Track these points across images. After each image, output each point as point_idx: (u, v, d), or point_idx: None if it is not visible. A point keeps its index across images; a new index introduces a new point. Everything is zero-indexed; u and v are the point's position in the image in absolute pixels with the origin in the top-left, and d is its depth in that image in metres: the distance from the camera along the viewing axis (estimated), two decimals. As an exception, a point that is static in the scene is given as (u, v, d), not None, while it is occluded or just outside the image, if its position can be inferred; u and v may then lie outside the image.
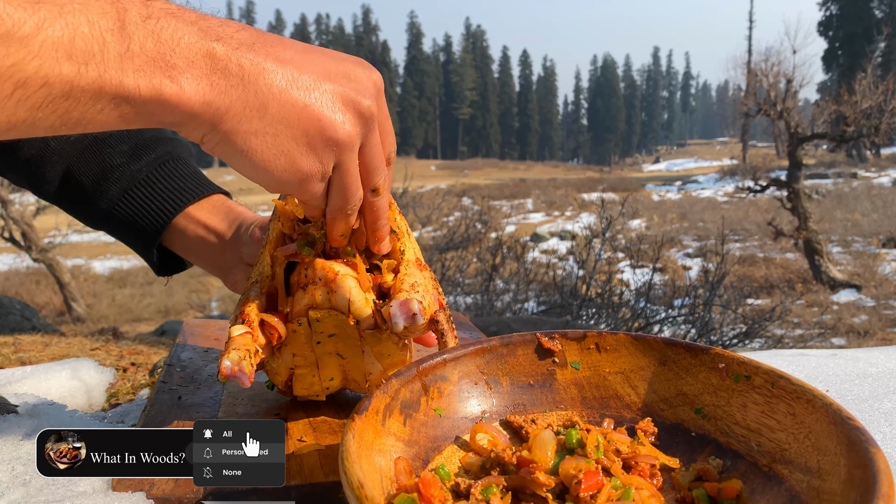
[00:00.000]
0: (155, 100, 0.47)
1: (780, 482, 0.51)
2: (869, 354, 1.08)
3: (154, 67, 0.47)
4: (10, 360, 1.48)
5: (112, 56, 0.45)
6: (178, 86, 0.48)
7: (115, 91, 0.46)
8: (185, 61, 0.48)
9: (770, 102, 11.76)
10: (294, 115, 0.53)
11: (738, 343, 5.54)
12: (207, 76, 0.49)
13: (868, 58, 15.08)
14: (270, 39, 0.54)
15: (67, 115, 0.45)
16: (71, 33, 0.43)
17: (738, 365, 0.59)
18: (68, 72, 0.43)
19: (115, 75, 0.45)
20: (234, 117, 0.51)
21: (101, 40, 0.44)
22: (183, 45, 0.49)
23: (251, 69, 0.51)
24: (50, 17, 0.42)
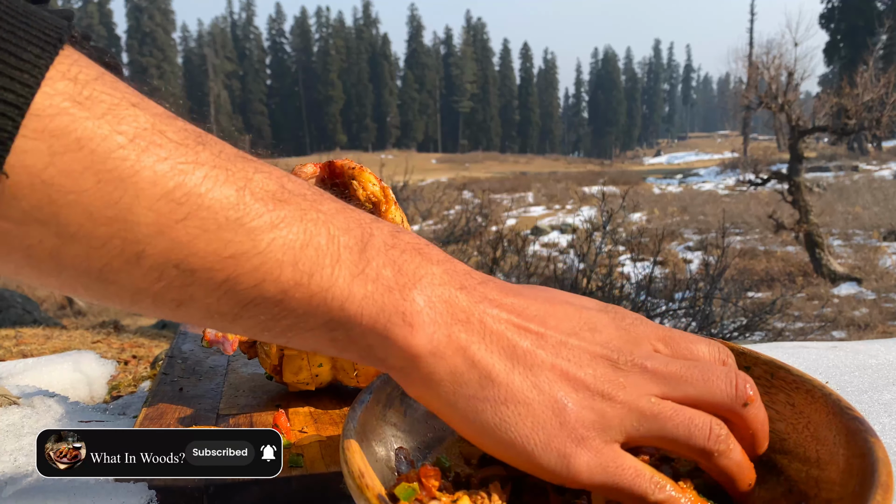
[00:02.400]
0: (377, 334, 0.40)
1: (778, 472, 0.51)
2: (869, 346, 1.08)
3: (387, 298, 0.40)
4: (11, 352, 1.49)
5: (342, 275, 0.39)
6: (410, 327, 0.40)
7: (333, 313, 0.39)
8: (426, 301, 0.41)
9: (771, 95, 11.74)
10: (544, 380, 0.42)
11: (739, 336, 5.55)
12: (447, 325, 0.41)
13: (870, 50, 15.05)
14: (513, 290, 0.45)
15: (273, 322, 0.39)
16: (305, 240, 0.38)
17: (737, 356, 0.59)
18: (287, 279, 0.37)
19: (339, 295, 0.39)
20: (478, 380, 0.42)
21: (335, 255, 0.39)
22: (425, 283, 0.42)
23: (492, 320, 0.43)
24: (289, 218, 0.38)
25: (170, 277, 0.35)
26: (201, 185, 0.34)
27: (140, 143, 0.33)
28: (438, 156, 60.39)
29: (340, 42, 74.88)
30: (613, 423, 0.42)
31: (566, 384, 0.42)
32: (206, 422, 0.71)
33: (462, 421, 0.42)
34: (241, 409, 0.74)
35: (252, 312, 0.38)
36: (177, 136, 0.35)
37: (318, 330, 0.40)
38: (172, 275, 0.35)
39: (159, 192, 0.33)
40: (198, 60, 71.76)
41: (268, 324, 0.39)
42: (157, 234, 0.33)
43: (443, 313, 0.42)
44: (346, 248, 0.40)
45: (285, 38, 77.32)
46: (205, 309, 0.37)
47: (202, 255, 0.35)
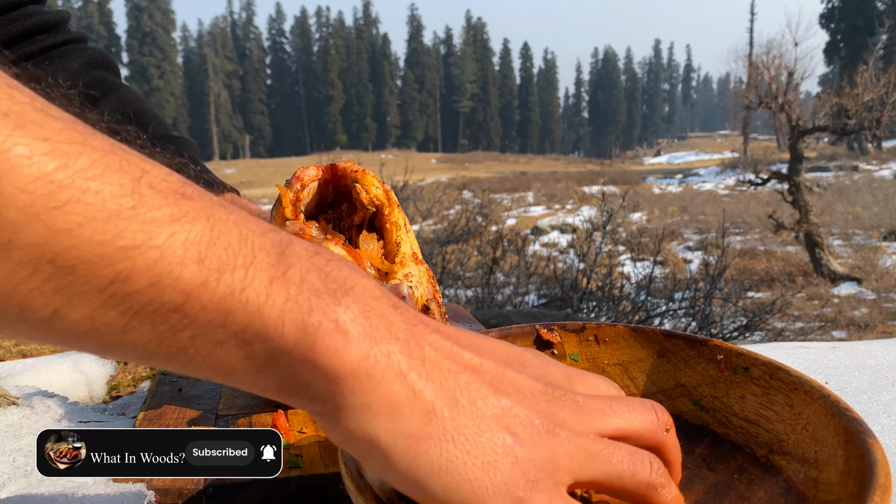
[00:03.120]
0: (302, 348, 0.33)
1: (777, 473, 0.51)
2: (869, 347, 1.08)
3: (315, 303, 0.33)
4: (11, 352, 1.48)
5: (259, 276, 0.32)
6: (344, 337, 0.33)
7: (248, 321, 0.32)
8: (360, 308, 0.35)
9: (771, 95, 11.74)
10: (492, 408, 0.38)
11: (739, 336, 5.55)
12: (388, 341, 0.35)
13: (870, 50, 15.05)
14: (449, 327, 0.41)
15: (171, 335, 0.31)
16: (213, 238, 0.31)
17: (736, 356, 0.59)
18: (191, 277, 0.30)
19: (254, 299, 0.32)
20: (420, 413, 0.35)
21: (249, 256, 0.32)
22: (357, 291, 0.35)
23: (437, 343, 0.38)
24: (193, 213, 0.31)
25: (44, 275, 0.28)
26: (89, 169, 0.29)
27: (16, 118, 0.28)
28: (438, 155, 60.39)
29: (340, 42, 74.90)
30: (562, 462, 0.37)
31: (513, 419, 0.37)
32: (205, 422, 0.71)
33: (399, 467, 0.35)
34: (240, 410, 0.74)
35: (144, 323, 0.31)
36: (61, 116, 0.30)
37: (227, 343, 0.32)
38: (47, 272, 0.28)
39: (36, 171, 0.27)
40: (198, 60, 71.77)
41: (164, 337, 0.31)
42: (31, 219, 0.27)
43: (380, 329, 0.35)
44: (261, 250, 0.33)
45: (285, 37, 77.34)
46: (85, 318, 0.30)
47: (85, 248, 0.28)
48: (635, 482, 0.39)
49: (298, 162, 46.25)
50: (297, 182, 0.72)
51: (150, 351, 0.32)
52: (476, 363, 0.39)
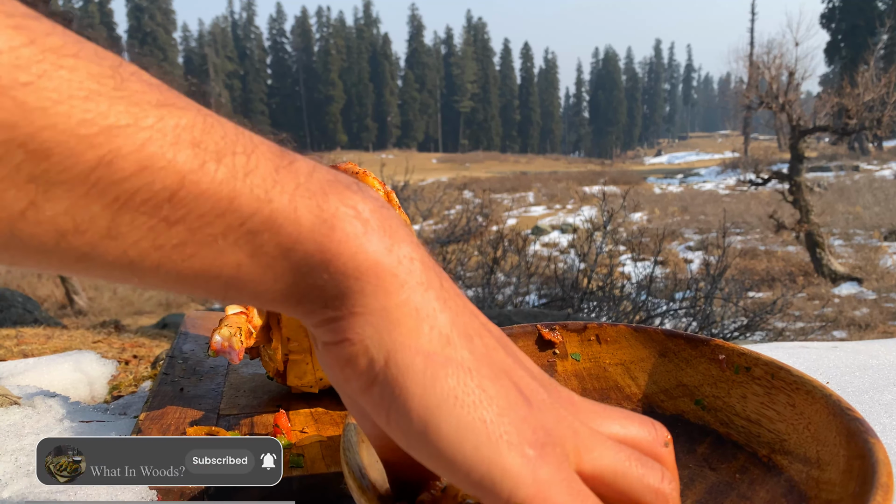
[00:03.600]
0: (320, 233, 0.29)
1: (779, 472, 0.51)
2: (870, 346, 1.08)
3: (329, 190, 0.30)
4: (12, 352, 1.49)
5: (263, 163, 0.29)
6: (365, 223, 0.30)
7: (255, 207, 0.28)
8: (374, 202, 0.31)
9: (772, 95, 11.73)
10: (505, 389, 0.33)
11: (740, 336, 5.55)
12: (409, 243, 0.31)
13: (870, 50, 15.04)
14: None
15: (165, 232, 0.27)
16: (207, 124, 0.28)
17: (738, 356, 0.60)
18: (185, 162, 0.26)
19: (261, 183, 0.28)
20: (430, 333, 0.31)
21: (248, 145, 0.29)
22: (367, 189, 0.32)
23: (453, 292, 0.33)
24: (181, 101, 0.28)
25: (15, 161, 0.24)
26: (63, 48, 0.25)
27: None
28: (439, 155, 60.38)
29: (341, 42, 74.90)
30: (569, 436, 0.33)
31: (522, 380, 0.33)
32: (206, 422, 0.71)
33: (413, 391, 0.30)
34: (242, 410, 0.74)
35: (134, 217, 0.26)
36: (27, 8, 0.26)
37: (230, 236, 0.28)
38: (18, 158, 0.24)
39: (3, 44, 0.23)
40: (198, 60, 71.78)
41: (157, 234, 0.27)
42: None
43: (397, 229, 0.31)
44: (261, 143, 0.30)
45: (286, 37, 77.32)
46: (65, 212, 0.25)
47: (62, 128, 0.24)
48: (643, 485, 0.35)
49: (299, 162, 45.85)
50: None
51: (141, 252, 0.27)
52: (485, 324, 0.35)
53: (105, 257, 0.27)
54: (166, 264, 0.28)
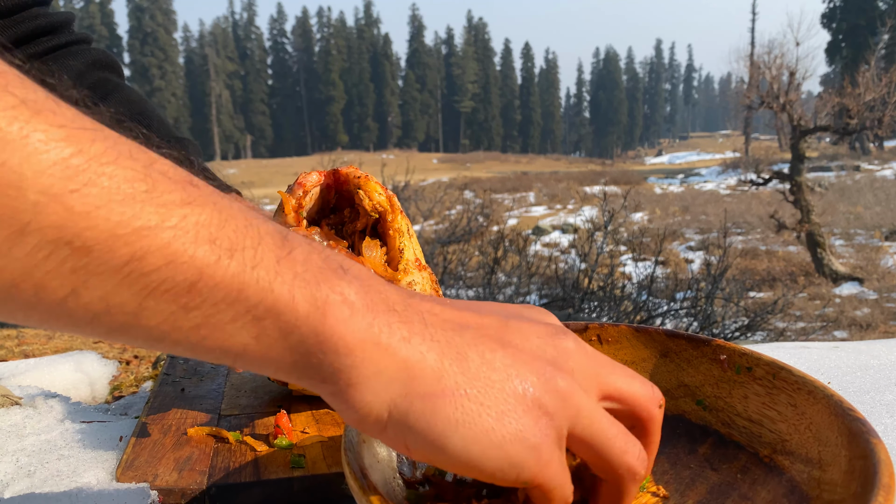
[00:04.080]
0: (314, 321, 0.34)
1: (780, 473, 0.51)
2: (871, 347, 1.08)
3: (321, 278, 0.35)
4: (13, 352, 1.49)
5: (266, 255, 0.34)
6: (350, 308, 0.35)
7: (259, 297, 0.33)
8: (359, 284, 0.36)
9: (773, 95, 11.73)
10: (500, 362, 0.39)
11: (741, 336, 5.55)
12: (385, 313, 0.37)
13: (871, 50, 15.03)
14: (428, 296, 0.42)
15: (184, 314, 0.32)
16: (222, 220, 0.33)
17: (739, 356, 0.59)
18: (203, 256, 0.31)
19: (266, 276, 0.33)
20: (432, 373, 0.36)
21: (256, 237, 0.34)
22: (354, 270, 0.37)
23: (431, 317, 0.39)
24: (202, 198, 0.33)
25: (61, 256, 0.29)
26: (103, 154, 0.30)
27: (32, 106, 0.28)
28: (440, 155, 60.38)
29: (342, 42, 74.90)
30: (569, 409, 0.38)
31: (522, 369, 0.38)
32: (208, 423, 0.71)
33: (418, 427, 0.36)
34: (243, 410, 0.74)
35: (159, 302, 0.31)
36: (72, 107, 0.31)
37: (239, 321, 0.33)
38: (64, 253, 0.29)
39: (54, 156, 0.28)
40: (199, 60, 71.81)
41: (177, 317, 0.32)
42: (49, 202, 0.28)
43: (377, 302, 0.36)
44: (266, 234, 0.35)
45: (287, 37, 77.34)
46: (100, 298, 0.30)
47: (102, 228, 0.29)
48: (620, 461, 0.40)
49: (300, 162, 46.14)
50: (299, 188, 0.72)
51: (162, 332, 0.32)
52: (477, 320, 0.40)
53: (130, 333, 0.32)
54: (184, 342, 0.33)
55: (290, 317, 0.34)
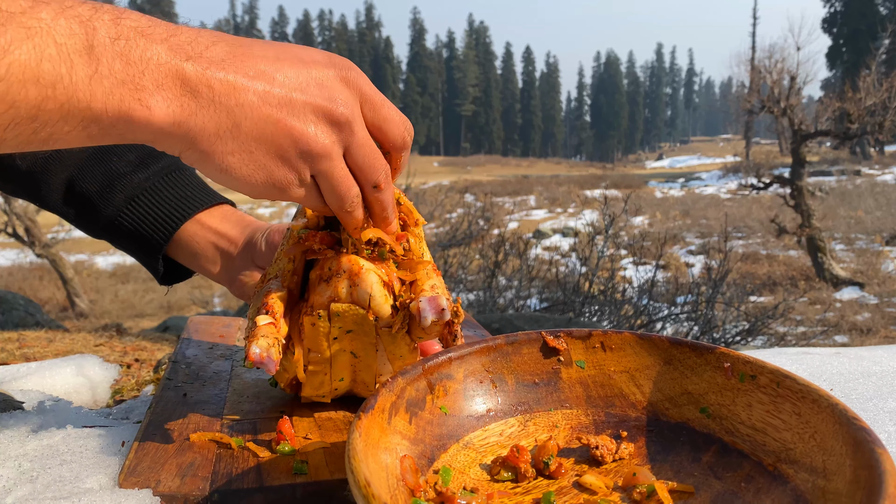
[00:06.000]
0: (124, 122, 0.48)
1: (785, 482, 0.51)
2: (873, 353, 1.08)
3: (123, 90, 0.47)
4: (14, 355, 1.48)
5: (80, 78, 0.45)
6: (148, 109, 0.48)
7: (83, 114, 0.46)
8: (154, 83, 0.48)
9: (773, 99, 11.73)
10: (267, 132, 0.53)
11: (741, 340, 5.54)
12: (178, 98, 0.50)
13: (872, 54, 15.04)
14: (242, 52, 0.54)
15: (34, 135, 0.45)
16: (38, 56, 0.43)
17: (743, 364, 0.59)
18: (35, 95, 0.43)
19: (84, 98, 0.45)
20: (207, 138, 0.51)
21: (68, 62, 0.45)
22: (152, 66, 0.48)
23: (221, 89, 0.51)
24: (17, 39, 0.42)
25: None
26: None
27: None
28: (440, 159, 60.39)
29: (343, 45, 74.96)
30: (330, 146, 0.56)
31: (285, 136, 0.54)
32: (209, 427, 0.71)
33: (203, 169, 0.54)
34: (245, 416, 0.74)
35: (13, 132, 0.44)
36: None
37: (74, 131, 0.47)
38: None
39: None
40: (200, 63, 71.78)
41: (30, 137, 0.45)
42: None
43: (172, 88, 0.49)
44: (76, 53, 0.45)
45: (288, 41, 77.41)
46: None
47: None
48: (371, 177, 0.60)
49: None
50: None
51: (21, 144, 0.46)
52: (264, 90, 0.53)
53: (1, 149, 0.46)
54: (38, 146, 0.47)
55: (107, 121, 0.48)
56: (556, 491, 0.55)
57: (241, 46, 0.54)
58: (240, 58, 0.53)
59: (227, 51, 0.53)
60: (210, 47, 0.52)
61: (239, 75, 0.52)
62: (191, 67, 0.50)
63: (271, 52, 0.55)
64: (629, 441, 0.61)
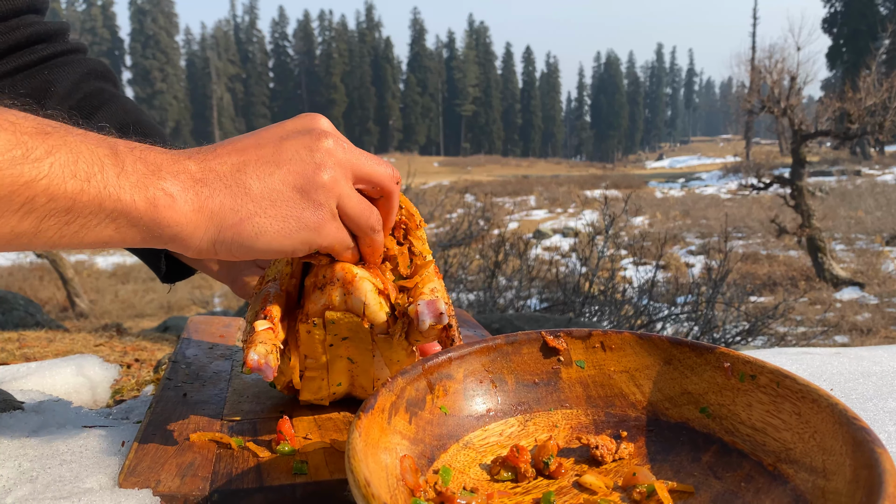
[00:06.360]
0: (151, 213, 0.53)
1: (785, 482, 0.51)
2: (873, 353, 1.08)
3: (147, 183, 0.53)
4: (14, 355, 1.48)
5: (110, 175, 0.51)
6: (171, 197, 0.54)
7: (114, 206, 0.51)
8: (172, 177, 0.55)
9: (774, 99, 11.73)
10: (277, 182, 0.59)
11: (741, 340, 5.54)
12: (192, 187, 0.56)
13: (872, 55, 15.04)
14: (225, 142, 0.61)
15: (67, 227, 0.50)
16: (75, 157, 0.50)
17: (743, 364, 0.59)
18: (72, 188, 0.49)
19: (114, 192, 0.51)
20: (230, 212, 0.57)
21: (100, 163, 0.51)
22: (165, 166, 0.55)
23: (223, 168, 0.58)
24: (56, 145, 0.49)
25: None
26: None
27: None
28: (441, 159, 60.40)
29: (343, 45, 74.96)
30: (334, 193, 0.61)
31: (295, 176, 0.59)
32: (209, 427, 0.71)
33: (234, 248, 0.58)
34: (245, 416, 0.74)
35: (49, 224, 0.50)
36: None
37: (103, 224, 0.52)
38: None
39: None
40: (201, 63, 71.85)
41: (62, 230, 0.50)
42: None
43: (186, 181, 0.56)
44: (105, 157, 0.52)
45: (288, 41, 77.42)
46: (10, 229, 0.48)
47: (3, 186, 0.46)
48: (367, 224, 0.64)
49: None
50: None
51: (54, 241, 0.51)
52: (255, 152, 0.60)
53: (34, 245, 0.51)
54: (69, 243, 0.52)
55: (134, 214, 0.53)
56: (555, 491, 0.55)
57: (218, 144, 0.61)
58: (225, 145, 0.60)
59: (210, 148, 0.60)
60: (199, 151, 0.60)
61: (231, 154, 0.59)
62: (193, 163, 0.57)
63: (246, 134, 0.63)
64: (629, 441, 0.61)
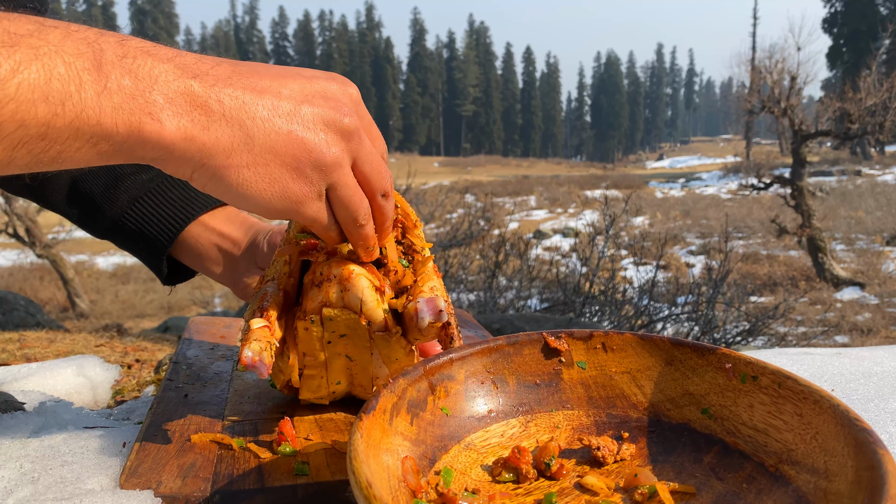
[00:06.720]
0: (134, 137, 0.47)
1: (786, 483, 0.51)
2: (874, 353, 1.08)
3: (133, 104, 0.47)
4: (15, 356, 1.48)
5: (89, 95, 0.45)
6: (159, 123, 0.48)
7: (93, 130, 0.45)
8: (164, 98, 0.48)
9: (774, 100, 11.73)
10: (280, 143, 0.53)
11: (742, 341, 5.54)
12: (188, 113, 0.49)
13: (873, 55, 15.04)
14: (246, 70, 0.54)
15: (43, 154, 0.45)
16: (47, 75, 0.43)
17: (744, 365, 0.59)
18: (44, 113, 0.43)
19: (93, 114, 0.45)
20: (222, 152, 0.51)
21: (77, 80, 0.44)
22: (161, 82, 0.48)
23: (231, 104, 0.51)
24: (26, 59, 0.42)
25: None
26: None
27: None
28: (441, 159, 60.42)
29: (343, 45, 74.99)
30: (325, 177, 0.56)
31: (298, 147, 0.54)
32: (210, 428, 0.71)
33: (209, 182, 0.53)
34: (246, 416, 0.74)
35: (22, 152, 0.44)
36: None
37: (84, 148, 0.46)
38: None
39: None
40: (201, 63, 71.76)
41: (40, 156, 0.45)
42: None
43: (182, 104, 0.49)
44: (84, 71, 0.45)
45: (288, 41, 77.46)
46: None
47: None
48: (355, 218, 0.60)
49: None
50: None
51: (30, 165, 0.46)
52: (273, 104, 0.53)
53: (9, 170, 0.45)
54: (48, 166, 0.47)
55: (118, 138, 0.47)
56: (557, 492, 0.55)
57: (243, 66, 0.55)
58: (244, 76, 0.53)
59: (232, 70, 0.53)
60: (215, 67, 0.52)
61: (246, 91, 0.52)
62: (198, 85, 0.50)
63: (273, 70, 0.56)
64: (630, 442, 0.61)
